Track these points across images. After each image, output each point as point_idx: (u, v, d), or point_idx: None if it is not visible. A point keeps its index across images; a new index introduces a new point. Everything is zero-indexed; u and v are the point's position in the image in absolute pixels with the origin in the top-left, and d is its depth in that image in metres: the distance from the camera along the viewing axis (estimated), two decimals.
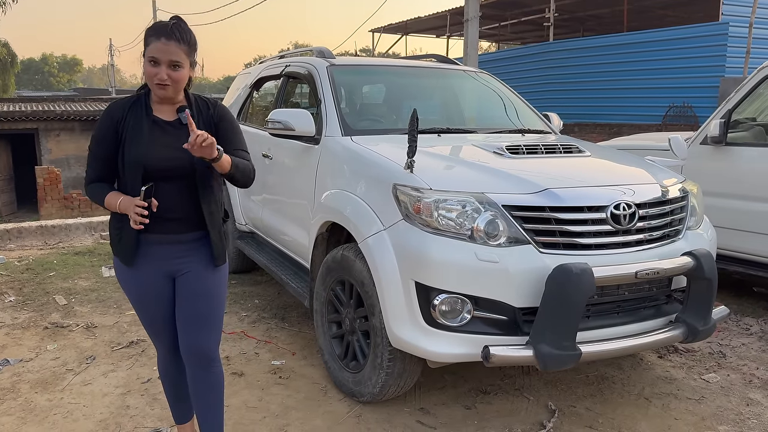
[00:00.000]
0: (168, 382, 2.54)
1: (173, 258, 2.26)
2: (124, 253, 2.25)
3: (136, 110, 2.20)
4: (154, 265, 2.26)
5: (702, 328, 2.75)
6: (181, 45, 2.12)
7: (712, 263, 2.74)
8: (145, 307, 2.35)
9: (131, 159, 2.15)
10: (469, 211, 2.63)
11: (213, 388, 2.40)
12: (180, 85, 2.18)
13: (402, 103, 4.16)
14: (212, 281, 2.32)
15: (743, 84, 4.50)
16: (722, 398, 3.25)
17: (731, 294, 4.94)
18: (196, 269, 2.29)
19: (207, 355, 2.35)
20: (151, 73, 2.11)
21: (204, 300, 2.30)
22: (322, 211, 3.33)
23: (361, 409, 3.07)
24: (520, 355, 2.49)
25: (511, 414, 3.06)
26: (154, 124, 2.20)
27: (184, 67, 2.15)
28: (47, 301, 4.79)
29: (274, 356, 3.73)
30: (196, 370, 2.37)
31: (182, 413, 2.61)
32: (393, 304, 2.69)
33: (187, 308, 2.31)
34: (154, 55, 2.10)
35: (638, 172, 3.11)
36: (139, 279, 2.28)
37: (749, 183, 4.38)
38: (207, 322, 2.32)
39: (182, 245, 2.26)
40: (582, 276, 2.40)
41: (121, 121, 2.18)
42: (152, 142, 2.16)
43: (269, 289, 5.09)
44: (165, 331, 2.40)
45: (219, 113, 2.30)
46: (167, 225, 2.22)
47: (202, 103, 2.30)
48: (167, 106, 2.23)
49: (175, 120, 2.22)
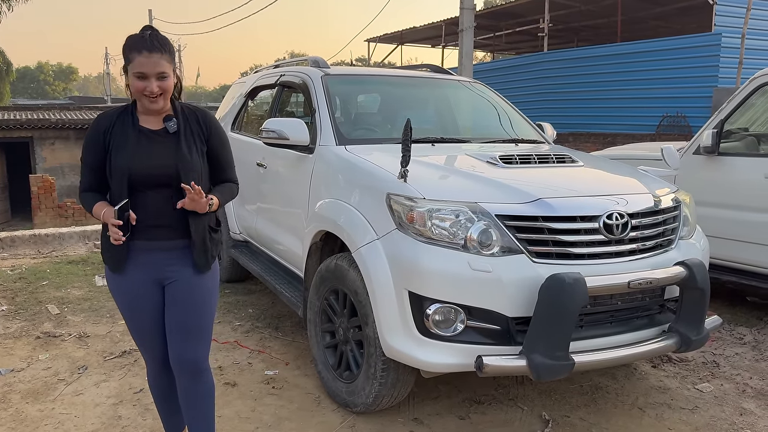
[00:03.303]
0: (158, 394, 2.53)
1: (161, 265, 2.27)
2: (113, 261, 2.26)
3: (123, 120, 2.23)
4: (142, 272, 2.26)
5: (695, 338, 2.75)
6: (164, 55, 2.16)
7: (705, 273, 2.75)
8: (134, 314, 2.34)
9: (117, 167, 2.17)
10: (462, 221, 2.63)
11: (203, 399, 2.40)
12: (168, 94, 2.22)
13: (396, 113, 4.17)
14: (200, 289, 2.32)
15: (735, 94, 4.54)
16: (716, 408, 3.25)
17: (725, 303, 4.95)
18: (184, 277, 2.29)
19: (195, 365, 2.34)
20: (140, 87, 2.14)
21: (191, 309, 2.30)
22: (316, 221, 3.33)
23: (355, 420, 3.06)
24: (513, 365, 2.48)
25: (504, 424, 3.05)
26: (140, 133, 2.22)
27: (170, 75, 2.19)
28: (39, 310, 4.76)
29: (267, 366, 3.71)
30: (186, 381, 2.36)
31: (174, 425, 2.59)
32: (386, 313, 2.69)
33: (174, 317, 2.30)
34: (142, 70, 2.13)
35: (631, 182, 3.13)
36: (129, 286, 2.28)
37: (741, 193, 4.40)
38: (195, 332, 2.32)
39: (170, 252, 2.27)
40: (575, 286, 2.40)
41: (108, 131, 2.21)
42: (138, 150, 2.19)
43: (263, 298, 5.08)
44: (154, 341, 2.38)
45: (209, 126, 2.33)
46: (154, 232, 2.23)
47: (189, 112, 2.32)
48: (153, 117, 2.25)
49: (161, 129, 2.25)
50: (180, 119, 2.27)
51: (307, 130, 3.60)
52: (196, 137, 2.28)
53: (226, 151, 2.41)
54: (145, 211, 2.20)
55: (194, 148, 2.26)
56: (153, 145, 2.22)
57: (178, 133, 2.25)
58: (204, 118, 2.33)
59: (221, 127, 2.40)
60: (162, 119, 2.25)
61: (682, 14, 16.63)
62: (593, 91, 15.64)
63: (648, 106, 14.08)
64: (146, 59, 2.12)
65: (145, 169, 2.18)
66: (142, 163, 2.18)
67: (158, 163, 2.19)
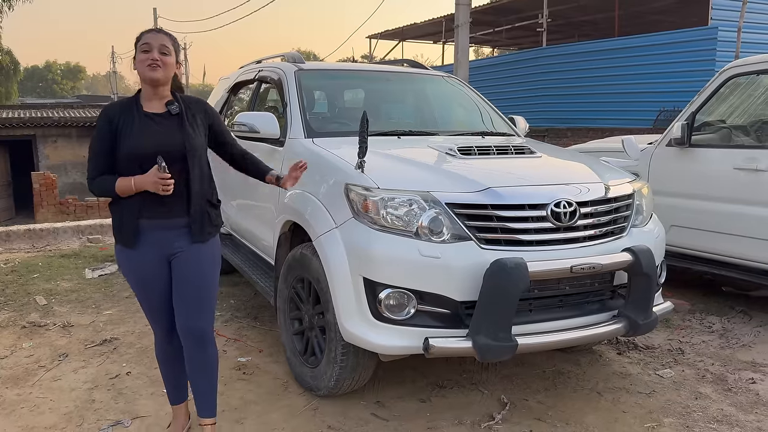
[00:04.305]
0: (165, 364, 2.76)
1: (170, 241, 2.51)
2: (126, 237, 2.49)
3: (129, 107, 2.49)
4: (152, 247, 2.50)
5: (642, 322, 2.84)
6: (167, 37, 2.48)
7: (651, 259, 2.83)
8: (145, 287, 2.58)
9: (126, 149, 2.41)
10: (414, 209, 2.73)
11: (209, 366, 2.65)
12: (169, 71, 2.46)
13: (369, 107, 4.25)
14: (203, 262, 2.57)
15: (705, 87, 4.60)
16: (672, 392, 3.33)
17: (700, 293, 5.03)
18: (188, 251, 2.54)
19: (201, 332, 2.59)
20: (144, 57, 2.42)
21: (195, 281, 2.55)
22: (284, 211, 3.44)
23: (319, 403, 3.17)
24: (458, 346, 2.58)
25: (463, 407, 3.15)
26: (145, 117, 2.47)
27: (171, 55, 2.46)
28: (28, 301, 4.90)
29: (241, 353, 3.83)
30: (192, 349, 2.61)
31: (177, 394, 2.83)
32: (343, 299, 2.79)
33: (180, 288, 2.55)
34: (146, 41, 2.43)
35: (584, 171, 3.20)
36: (140, 260, 2.52)
37: (712, 184, 4.47)
38: (198, 303, 2.57)
39: (176, 228, 2.51)
40: (516, 270, 2.50)
41: (116, 118, 2.44)
42: (144, 132, 2.43)
43: (246, 290, 5.19)
44: (162, 313, 2.62)
45: (207, 110, 2.64)
46: (163, 209, 2.47)
47: (188, 100, 2.60)
48: (156, 101, 2.50)
49: (164, 112, 2.50)
50: (181, 105, 2.53)
51: (277, 123, 3.70)
52: (197, 119, 2.56)
53: (225, 127, 2.76)
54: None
55: (197, 129, 2.53)
56: (159, 126, 2.46)
57: (181, 115, 2.50)
58: (201, 104, 2.64)
59: (215, 110, 2.75)
60: (164, 104, 2.50)
61: (681, 9, 16.59)
62: (590, 86, 15.64)
63: (645, 101, 14.08)
64: (152, 36, 2.45)
65: (154, 148, 2.39)
66: (150, 143, 2.41)
67: (166, 141, 2.43)
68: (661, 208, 3.99)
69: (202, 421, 2.69)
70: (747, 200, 4.23)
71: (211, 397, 2.68)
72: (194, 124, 2.52)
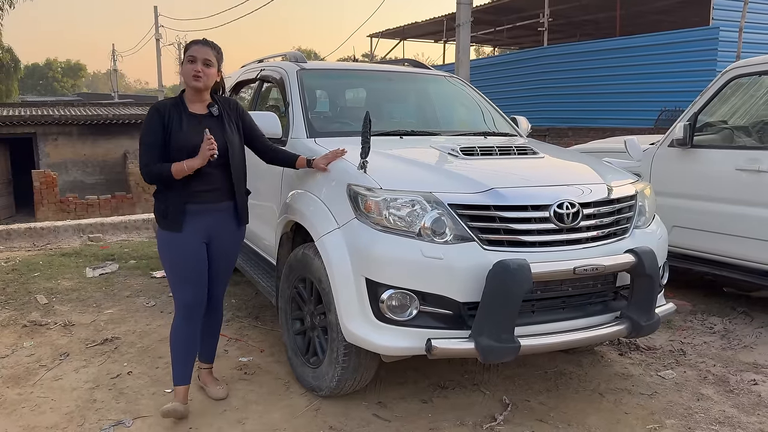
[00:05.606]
0: (180, 341, 2.97)
1: (211, 225, 2.92)
2: (172, 222, 2.84)
3: (176, 107, 2.86)
4: (195, 230, 2.87)
5: (645, 324, 2.83)
6: (212, 50, 2.86)
7: (654, 260, 2.82)
8: (185, 267, 2.89)
9: (177, 144, 2.79)
10: (417, 210, 2.72)
11: (216, 327, 3.24)
12: (210, 80, 2.84)
13: (371, 107, 4.25)
14: (237, 242, 3.12)
15: (708, 88, 4.59)
16: (674, 394, 3.33)
17: (701, 294, 5.02)
18: (227, 232, 3.00)
19: (218, 300, 3.16)
20: (189, 68, 2.80)
21: (227, 258, 3.08)
22: (286, 211, 3.43)
23: (320, 403, 3.16)
24: (461, 347, 2.58)
25: (465, 408, 3.15)
26: (191, 116, 2.86)
27: (214, 66, 2.85)
28: (29, 300, 4.90)
29: (242, 353, 3.82)
30: (211, 312, 3.12)
31: (183, 375, 2.99)
32: (345, 299, 2.79)
33: (216, 264, 3.01)
34: (192, 54, 2.82)
35: (587, 172, 3.20)
36: (184, 242, 2.86)
37: (714, 185, 4.46)
38: (226, 275, 3.14)
39: (217, 213, 2.94)
40: (519, 271, 2.49)
41: (166, 115, 2.81)
42: (190, 130, 2.81)
43: (247, 289, 5.19)
44: (188, 291, 2.91)
45: (239, 110, 3.07)
46: (207, 196, 2.88)
47: (227, 102, 3.02)
48: (198, 104, 2.90)
49: (206, 113, 2.91)
50: (220, 106, 2.94)
51: (279, 122, 3.70)
52: (232, 119, 2.99)
53: (254, 123, 3.17)
54: (200, 178, 2.82)
55: (233, 127, 2.98)
56: (201, 125, 2.83)
57: (221, 116, 2.92)
58: (234, 104, 3.06)
59: (244, 108, 3.13)
60: (206, 106, 2.91)
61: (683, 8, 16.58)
62: (592, 86, 15.63)
63: (646, 101, 14.07)
64: (198, 48, 2.84)
65: (200, 142, 2.76)
66: (198, 139, 2.77)
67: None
68: (663, 209, 3.99)
69: (202, 365, 3.25)
70: (749, 201, 4.23)
71: (213, 348, 3.25)
72: (231, 123, 2.95)
